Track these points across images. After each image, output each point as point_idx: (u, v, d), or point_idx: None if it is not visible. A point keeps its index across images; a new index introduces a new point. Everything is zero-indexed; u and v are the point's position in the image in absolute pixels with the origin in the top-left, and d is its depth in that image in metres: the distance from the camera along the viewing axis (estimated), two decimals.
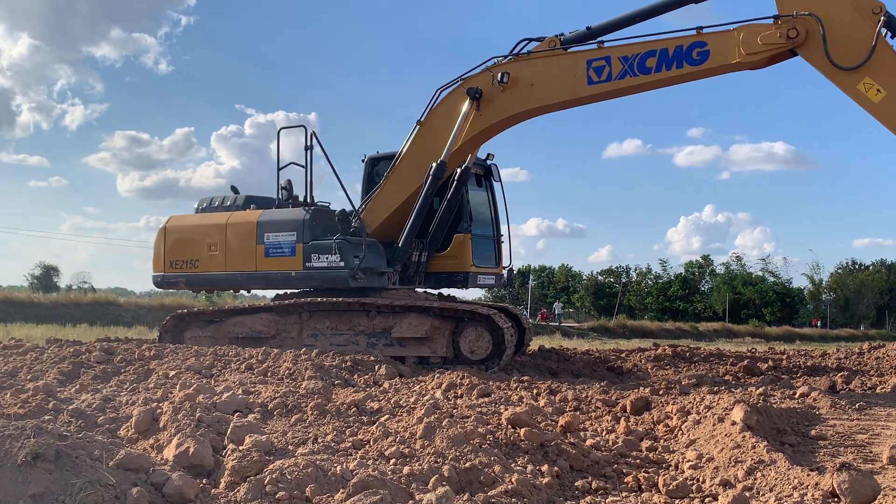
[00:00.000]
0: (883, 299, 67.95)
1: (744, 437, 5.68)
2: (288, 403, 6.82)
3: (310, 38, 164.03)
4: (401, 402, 7.50)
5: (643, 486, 5.17)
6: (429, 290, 13.44)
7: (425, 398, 7.73)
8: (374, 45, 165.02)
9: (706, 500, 4.82)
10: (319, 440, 5.55)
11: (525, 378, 10.47)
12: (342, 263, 11.71)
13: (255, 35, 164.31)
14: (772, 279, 67.62)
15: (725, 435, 5.87)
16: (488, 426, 5.76)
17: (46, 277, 56.18)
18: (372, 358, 11.28)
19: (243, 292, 14.18)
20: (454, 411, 6.57)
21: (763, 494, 4.71)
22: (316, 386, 8.06)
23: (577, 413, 7.53)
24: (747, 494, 4.58)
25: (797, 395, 9.17)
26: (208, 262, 12.93)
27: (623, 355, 15.93)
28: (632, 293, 72.49)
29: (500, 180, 13.94)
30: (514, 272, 15.85)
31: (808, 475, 4.75)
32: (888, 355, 14.65)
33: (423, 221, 12.43)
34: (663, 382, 10.75)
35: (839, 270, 72.63)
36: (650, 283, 73.53)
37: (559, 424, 6.55)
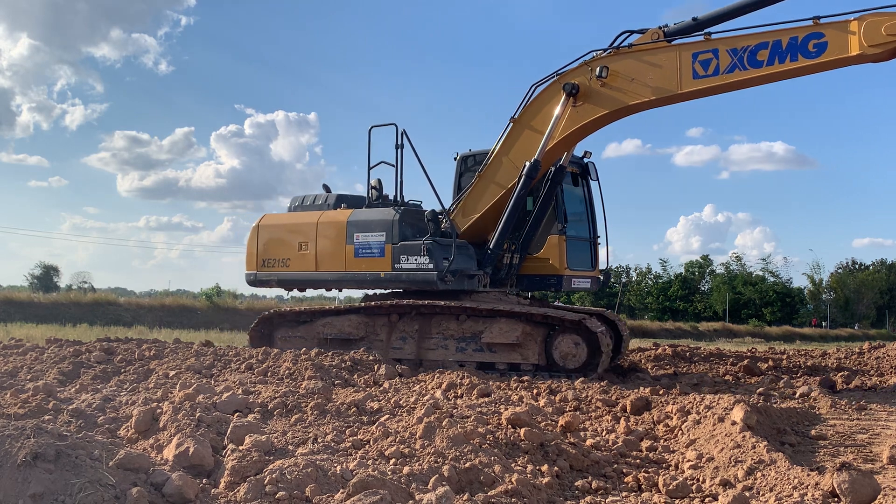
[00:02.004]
0: (883, 299, 67.95)
1: (744, 436, 5.68)
2: (288, 403, 6.82)
3: (310, 38, 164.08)
4: (401, 402, 7.50)
5: (643, 486, 5.17)
6: (520, 294, 13.07)
7: (425, 398, 7.73)
8: (374, 45, 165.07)
9: (706, 499, 4.82)
10: (319, 440, 5.55)
11: (525, 378, 10.48)
12: (431, 265, 11.43)
13: (255, 35, 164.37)
14: (772, 279, 67.61)
15: (725, 435, 5.87)
16: (488, 426, 5.76)
17: (46, 277, 56.14)
18: (371, 358, 11.27)
19: (335, 291, 13.95)
20: (454, 411, 6.57)
21: (763, 494, 4.70)
22: (316, 386, 8.06)
23: (577, 413, 7.54)
24: (747, 494, 4.58)
25: (797, 395, 9.18)
26: (299, 261, 12.79)
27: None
28: (632, 293, 72.49)
29: (598, 179, 13.41)
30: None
31: (808, 475, 4.75)
32: (888, 355, 14.65)
33: (516, 222, 12.08)
34: (663, 382, 10.75)
35: (839, 270, 72.64)
36: (650, 282, 73.51)
37: (559, 424, 6.55)
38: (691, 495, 4.92)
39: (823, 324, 63.06)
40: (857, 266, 73.62)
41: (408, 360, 11.77)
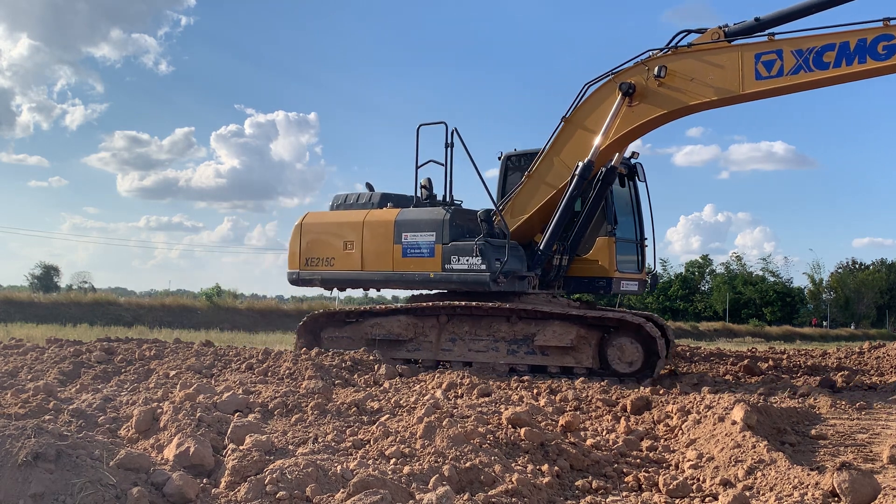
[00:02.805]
0: (883, 299, 67.92)
1: (744, 436, 5.68)
2: (288, 403, 6.83)
3: (310, 38, 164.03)
4: (401, 402, 7.50)
5: (643, 486, 5.18)
6: (561, 296, 12.79)
7: (425, 398, 7.73)
8: (374, 45, 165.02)
9: (706, 499, 4.82)
10: (320, 440, 5.56)
11: (525, 378, 10.48)
12: (483, 266, 11.21)
13: (254, 35, 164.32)
14: (772, 279, 67.58)
15: (725, 434, 5.87)
16: (488, 426, 5.76)
17: (46, 277, 56.08)
18: (371, 357, 11.27)
19: (373, 291, 13.71)
20: (454, 411, 6.57)
21: (763, 494, 4.71)
22: (316, 386, 8.06)
23: (578, 413, 7.54)
24: (747, 494, 4.58)
25: (797, 395, 9.17)
26: (344, 260, 12.56)
27: None
28: None
29: (646, 180, 13.18)
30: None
31: (809, 475, 4.75)
32: (888, 355, 14.65)
33: (566, 223, 11.88)
34: (663, 382, 10.75)
35: (839, 270, 72.61)
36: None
37: (559, 424, 6.55)
38: (691, 495, 4.92)
39: (825, 323, 63.05)
40: (857, 266, 73.61)
41: (456, 363, 11.69)
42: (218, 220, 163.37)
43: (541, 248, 11.82)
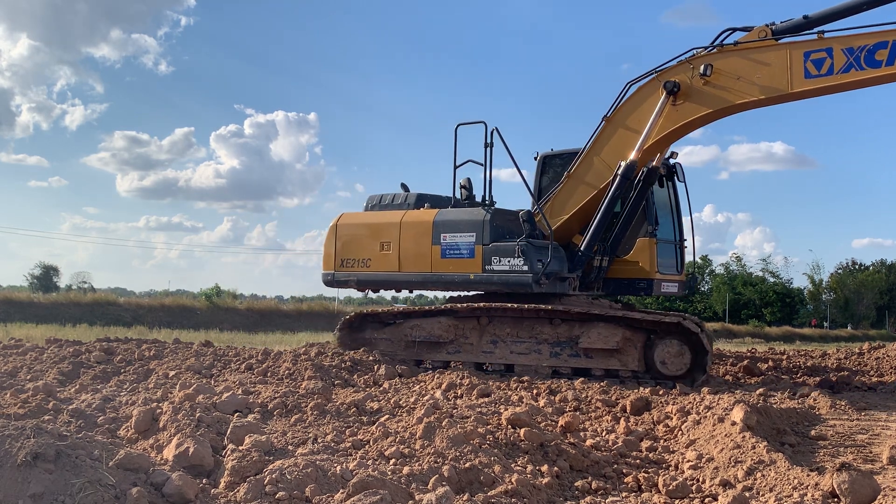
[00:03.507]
0: (883, 299, 67.86)
1: (744, 437, 5.68)
2: (288, 403, 6.83)
3: (310, 38, 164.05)
4: (401, 403, 7.50)
5: (643, 487, 5.17)
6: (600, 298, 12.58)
7: (425, 398, 7.73)
8: (374, 45, 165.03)
9: (706, 500, 4.82)
10: (319, 440, 5.56)
11: (525, 378, 10.48)
12: (526, 267, 10.97)
13: (254, 35, 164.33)
14: (772, 279, 67.55)
15: (725, 435, 5.87)
16: (488, 426, 5.76)
17: (46, 277, 56.10)
18: (371, 358, 11.27)
19: (406, 292, 13.41)
20: (454, 411, 6.56)
21: (763, 494, 4.70)
22: (316, 386, 8.06)
23: (577, 413, 7.54)
24: (747, 494, 4.58)
25: (797, 395, 9.17)
26: (381, 261, 12.37)
27: None
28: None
29: (685, 180, 12.97)
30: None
31: (808, 475, 4.75)
32: (888, 355, 14.66)
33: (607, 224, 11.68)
34: (663, 382, 10.74)
35: (839, 270, 72.58)
36: None
37: (559, 424, 6.55)
38: (691, 495, 4.92)
39: (825, 324, 63.03)
40: (856, 266, 73.57)
41: (496, 366, 11.54)
42: (217, 220, 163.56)
43: (582, 248, 11.64)
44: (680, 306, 67.76)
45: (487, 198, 11.91)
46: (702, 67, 10.65)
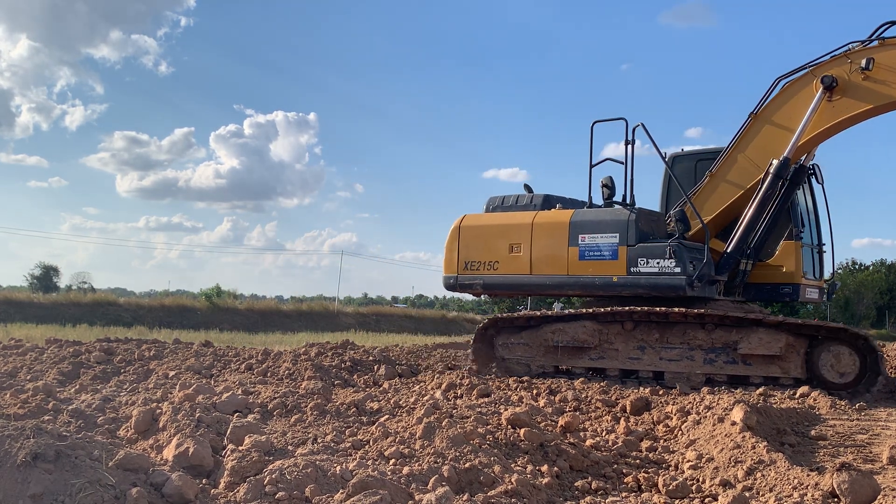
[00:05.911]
0: (883, 299, 67.90)
1: (744, 437, 5.68)
2: (288, 403, 6.83)
3: (309, 38, 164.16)
4: (400, 403, 7.50)
5: (643, 487, 5.17)
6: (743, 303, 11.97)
7: (425, 398, 7.73)
8: (373, 45, 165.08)
9: (706, 500, 4.82)
10: (319, 440, 5.56)
11: (525, 378, 10.48)
12: (678, 269, 10.44)
13: (254, 36, 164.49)
14: None
15: (725, 435, 5.87)
16: (488, 426, 5.76)
17: (46, 277, 56.08)
18: (371, 358, 11.27)
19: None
20: (454, 411, 6.56)
21: (763, 495, 4.70)
22: (316, 386, 8.07)
23: (577, 413, 7.54)
24: (747, 494, 4.58)
25: (797, 395, 9.17)
26: (510, 264, 11.85)
27: None
28: None
29: (823, 182, 12.37)
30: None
31: (808, 475, 4.75)
32: (888, 355, 14.65)
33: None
34: (663, 382, 10.74)
35: (839, 270, 72.66)
36: None
37: (559, 424, 6.55)
38: (691, 495, 4.91)
39: None
40: (856, 266, 73.63)
41: (645, 373, 10.91)
42: (217, 220, 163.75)
43: (729, 250, 11.20)
44: None
45: (629, 197, 11.41)
46: (863, 61, 10.25)
